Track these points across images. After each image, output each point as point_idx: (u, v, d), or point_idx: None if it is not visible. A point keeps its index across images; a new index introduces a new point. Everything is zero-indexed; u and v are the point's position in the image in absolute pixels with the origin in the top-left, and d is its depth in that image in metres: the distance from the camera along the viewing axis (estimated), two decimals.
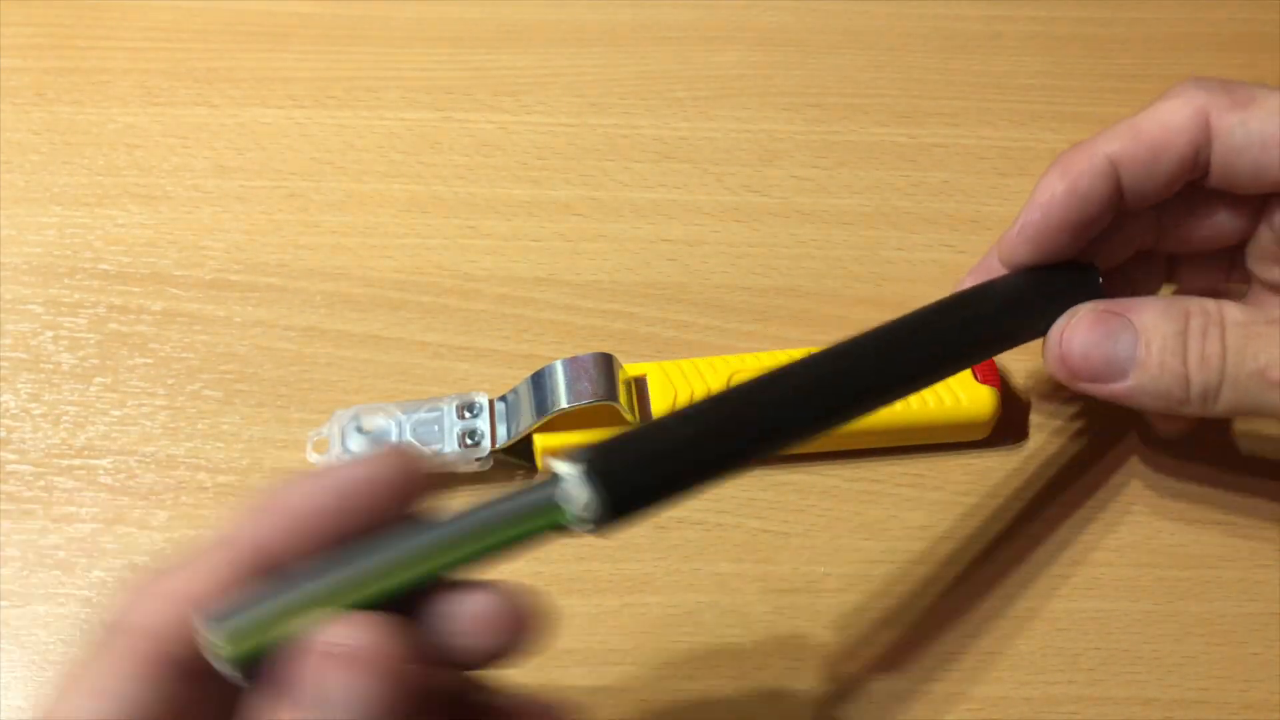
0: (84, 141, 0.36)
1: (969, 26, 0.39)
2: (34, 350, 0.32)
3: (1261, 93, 0.24)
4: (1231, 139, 0.24)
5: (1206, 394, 0.24)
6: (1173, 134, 0.24)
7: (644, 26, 0.39)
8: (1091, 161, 0.24)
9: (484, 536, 0.18)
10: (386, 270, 0.33)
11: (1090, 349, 0.24)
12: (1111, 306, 0.24)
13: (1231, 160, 0.24)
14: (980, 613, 0.28)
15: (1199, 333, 0.23)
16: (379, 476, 0.18)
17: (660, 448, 0.20)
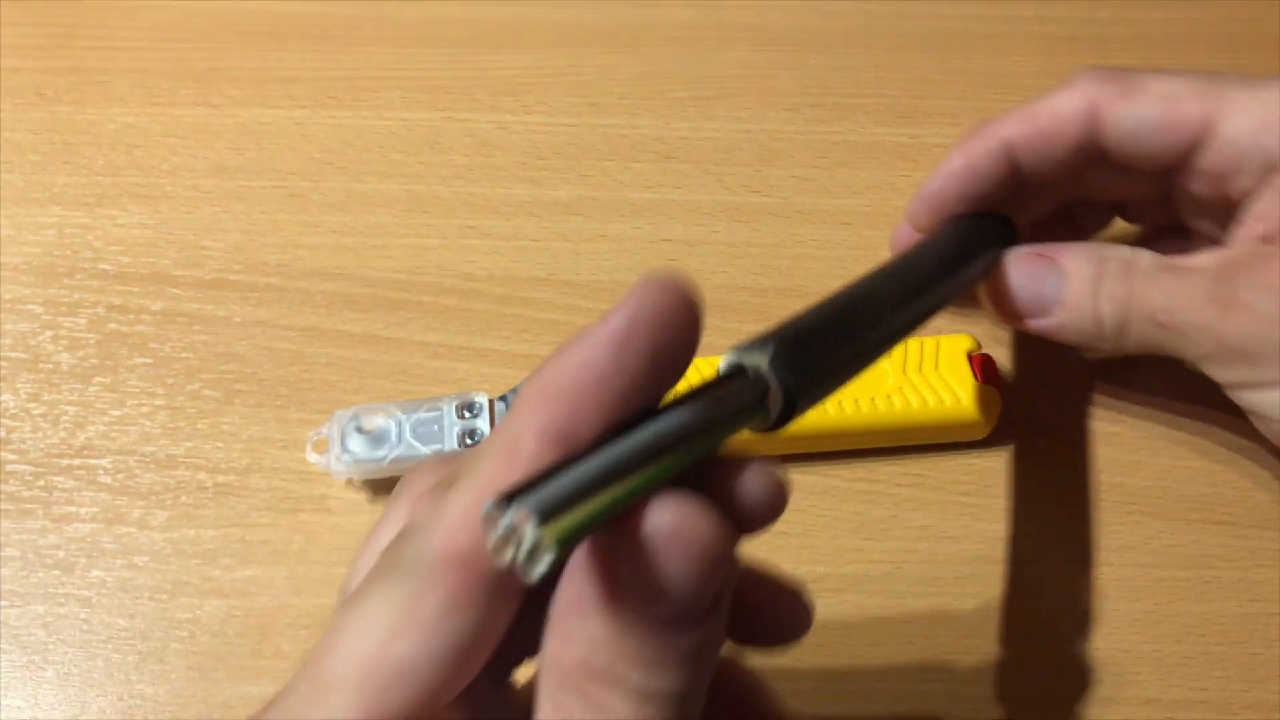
0: (84, 141, 0.36)
1: (970, 26, 0.39)
2: (33, 350, 0.32)
3: (1148, 79, 0.26)
4: (1121, 127, 0.26)
5: (1116, 332, 0.26)
6: (1064, 122, 0.26)
7: (644, 26, 0.39)
8: (988, 143, 0.27)
9: (709, 434, 0.16)
10: (386, 270, 0.33)
11: (1021, 288, 0.27)
12: (1043, 250, 0.27)
13: (1124, 144, 0.26)
14: (980, 613, 0.28)
15: (1111, 276, 0.26)
16: (650, 317, 0.16)
17: (827, 340, 0.20)
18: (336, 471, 0.28)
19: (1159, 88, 0.25)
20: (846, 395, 0.29)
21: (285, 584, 0.28)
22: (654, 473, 0.15)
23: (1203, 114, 0.25)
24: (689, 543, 0.15)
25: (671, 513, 0.15)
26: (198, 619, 0.28)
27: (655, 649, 0.15)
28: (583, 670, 0.15)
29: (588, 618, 0.15)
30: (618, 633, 0.15)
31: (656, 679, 0.15)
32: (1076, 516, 0.29)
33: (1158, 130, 0.25)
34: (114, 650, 0.27)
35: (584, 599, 0.15)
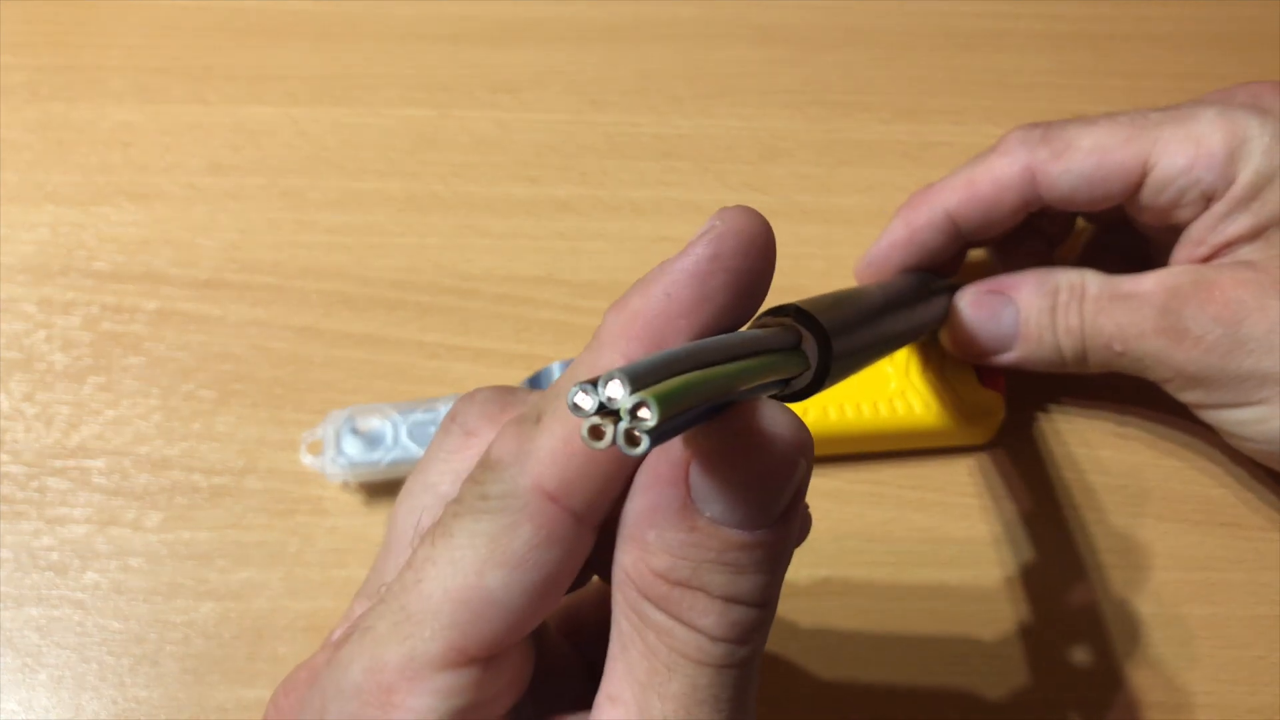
0: (78, 139, 0.35)
1: (972, 23, 0.39)
2: (27, 350, 0.31)
3: (1077, 134, 0.27)
4: (1059, 186, 0.27)
5: (1077, 359, 0.27)
6: (1003, 191, 0.27)
7: (644, 23, 0.38)
8: (930, 215, 0.28)
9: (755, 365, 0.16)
10: (383, 269, 0.33)
11: (979, 327, 0.28)
12: (994, 285, 0.28)
13: (1066, 198, 0.27)
14: (984, 616, 0.28)
15: (1063, 308, 0.27)
16: (734, 246, 0.17)
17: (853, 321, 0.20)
18: (332, 475, 0.28)
19: (1088, 142, 0.26)
20: (850, 399, 0.29)
21: (281, 586, 0.28)
22: (736, 370, 0.15)
23: (1135, 160, 0.26)
24: (780, 440, 0.15)
25: (761, 409, 0.15)
26: (192, 621, 0.27)
27: (739, 553, 0.15)
28: (663, 582, 0.15)
29: (668, 528, 0.15)
30: (700, 539, 0.15)
31: (740, 584, 0.15)
32: (1079, 519, 0.29)
33: (1095, 184, 0.26)
34: (108, 653, 0.27)
35: (662, 508, 0.15)
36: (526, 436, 0.16)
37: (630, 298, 0.17)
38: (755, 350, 0.16)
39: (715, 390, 0.14)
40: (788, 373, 0.17)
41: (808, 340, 0.18)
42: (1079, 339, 0.27)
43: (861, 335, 0.21)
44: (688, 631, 0.15)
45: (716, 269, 0.16)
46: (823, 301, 0.19)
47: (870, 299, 0.23)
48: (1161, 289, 0.26)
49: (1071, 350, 0.27)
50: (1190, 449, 0.30)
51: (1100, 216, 0.31)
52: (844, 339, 0.19)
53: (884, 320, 0.23)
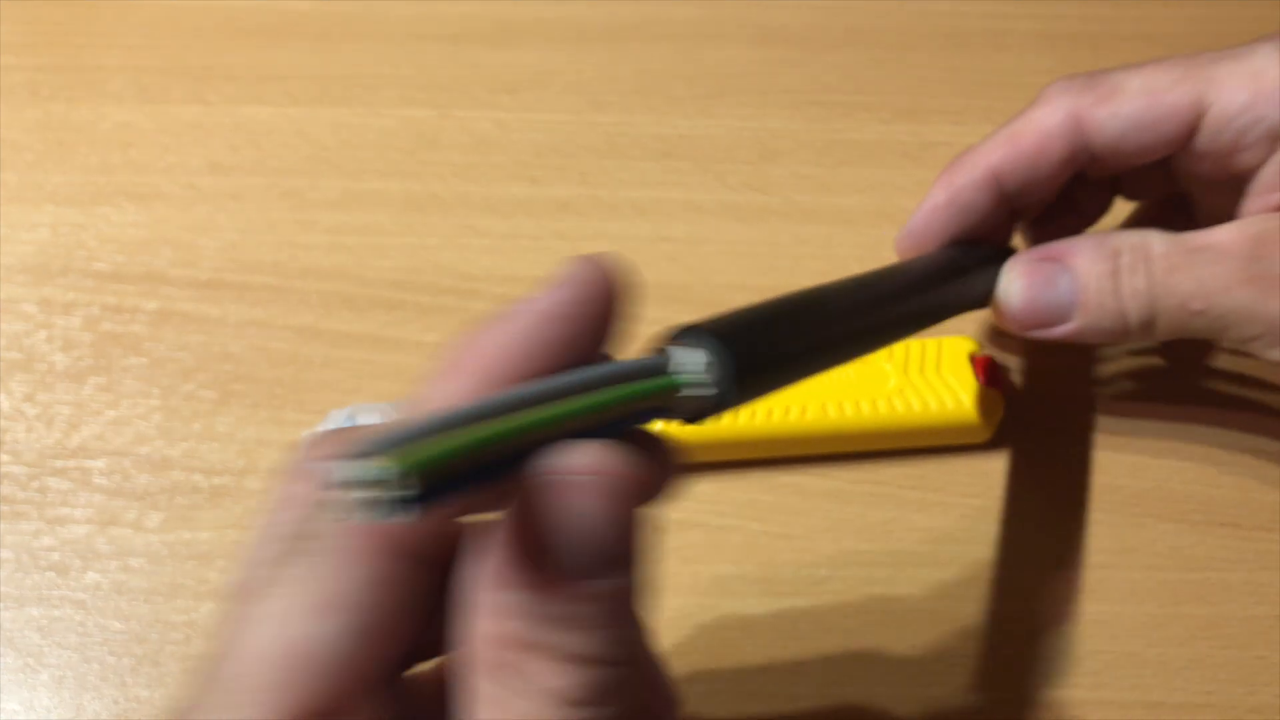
0: (78, 139, 0.35)
1: (972, 24, 0.39)
2: (27, 350, 0.31)
3: (1123, 79, 0.25)
4: (1107, 132, 0.25)
5: (1143, 326, 0.25)
6: (1048, 140, 0.25)
7: (644, 23, 0.38)
8: (972, 175, 0.26)
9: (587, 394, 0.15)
10: (383, 270, 0.33)
11: (1032, 299, 0.25)
12: (1046, 253, 0.26)
13: (1114, 148, 0.25)
14: (983, 616, 0.28)
15: (1128, 270, 0.25)
16: (574, 306, 0.16)
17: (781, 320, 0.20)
18: None
19: (1137, 83, 0.25)
20: (849, 398, 0.29)
21: None
22: (533, 419, 0.14)
23: (1190, 100, 0.24)
24: (597, 482, 0.14)
25: (573, 454, 0.14)
26: (194, 621, 0.27)
27: (579, 608, 0.14)
28: (508, 645, 0.14)
29: (507, 589, 0.14)
30: (540, 598, 0.14)
31: (587, 641, 0.14)
32: (1079, 519, 0.29)
33: (1145, 128, 0.25)
34: (109, 653, 0.27)
35: (501, 571, 0.14)
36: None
37: (464, 341, 0.16)
38: (599, 384, 0.15)
39: (509, 444, 0.14)
40: (655, 400, 0.17)
41: (698, 356, 0.18)
42: (1148, 302, 0.24)
43: (799, 337, 0.20)
44: (541, 697, 0.14)
45: (553, 321, 0.16)
46: (747, 313, 0.19)
47: (829, 295, 0.22)
48: (1244, 237, 0.24)
49: (1138, 316, 0.25)
50: (1190, 449, 0.30)
51: (1144, 184, 0.29)
52: (761, 346, 0.18)
53: (856, 313, 0.22)
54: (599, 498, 0.14)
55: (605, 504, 0.14)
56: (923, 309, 0.25)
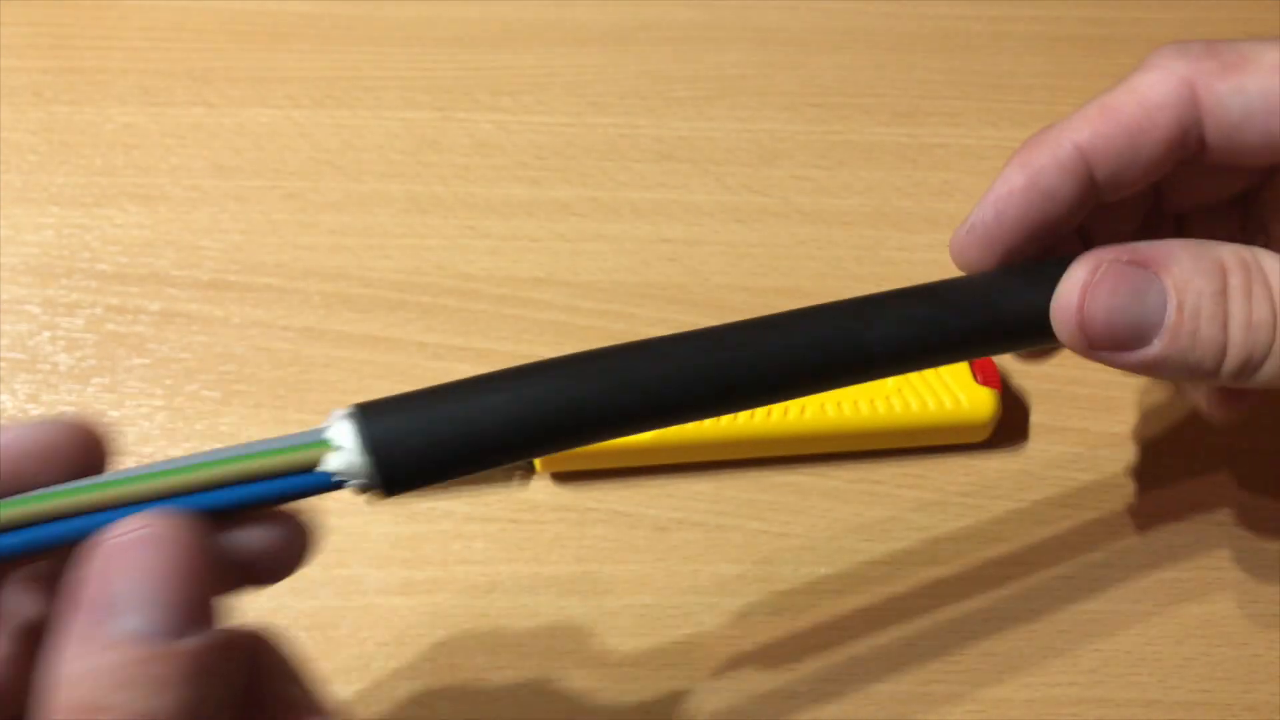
0: (81, 141, 0.36)
1: (971, 26, 0.39)
2: (31, 351, 0.32)
3: (1254, 49, 0.20)
4: (1227, 110, 0.20)
5: (1246, 366, 0.20)
6: (1154, 113, 0.20)
7: (644, 26, 0.39)
8: (1056, 153, 0.21)
9: (235, 464, 0.17)
10: (385, 270, 0.33)
11: (1116, 312, 0.20)
12: (1132, 255, 0.20)
13: (1232, 133, 0.20)
14: (981, 614, 0.28)
15: (1242, 292, 0.19)
16: (52, 441, 0.17)
17: (465, 414, 0.18)
18: None
19: (1272, 58, 0.20)
20: (846, 397, 0.29)
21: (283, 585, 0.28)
22: (121, 487, 0.16)
23: None
24: (152, 549, 0.15)
25: (127, 523, 0.15)
26: None
27: (151, 668, 0.14)
28: (81, 710, 0.14)
29: (78, 656, 0.15)
30: (111, 661, 0.14)
31: (159, 699, 0.14)
32: (1076, 518, 0.29)
33: (1276, 113, 0.20)
34: None
35: (69, 634, 0.15)
36: None
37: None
38: (246, 454, 0.17)
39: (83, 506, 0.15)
40: (297, 471, 0.17)
41: (350, 436, 0.18)
42: (1266, 340, 0.19)
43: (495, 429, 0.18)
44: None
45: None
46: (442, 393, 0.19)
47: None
48: None
49: (1244, 355, 0.20)
50: (1189, 447, 0.30)
51: (1212, 220, 0.24)
52: (424, 436, 0.18)
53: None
54: (145, 554, 0.15)
55: (162, 572, 0.15)
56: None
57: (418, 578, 0.28)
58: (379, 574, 0.28)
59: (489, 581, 0.28)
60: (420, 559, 0.28)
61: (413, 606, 0.27)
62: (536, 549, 0.28)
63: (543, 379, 0.19)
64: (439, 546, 0.28)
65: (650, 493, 0.29)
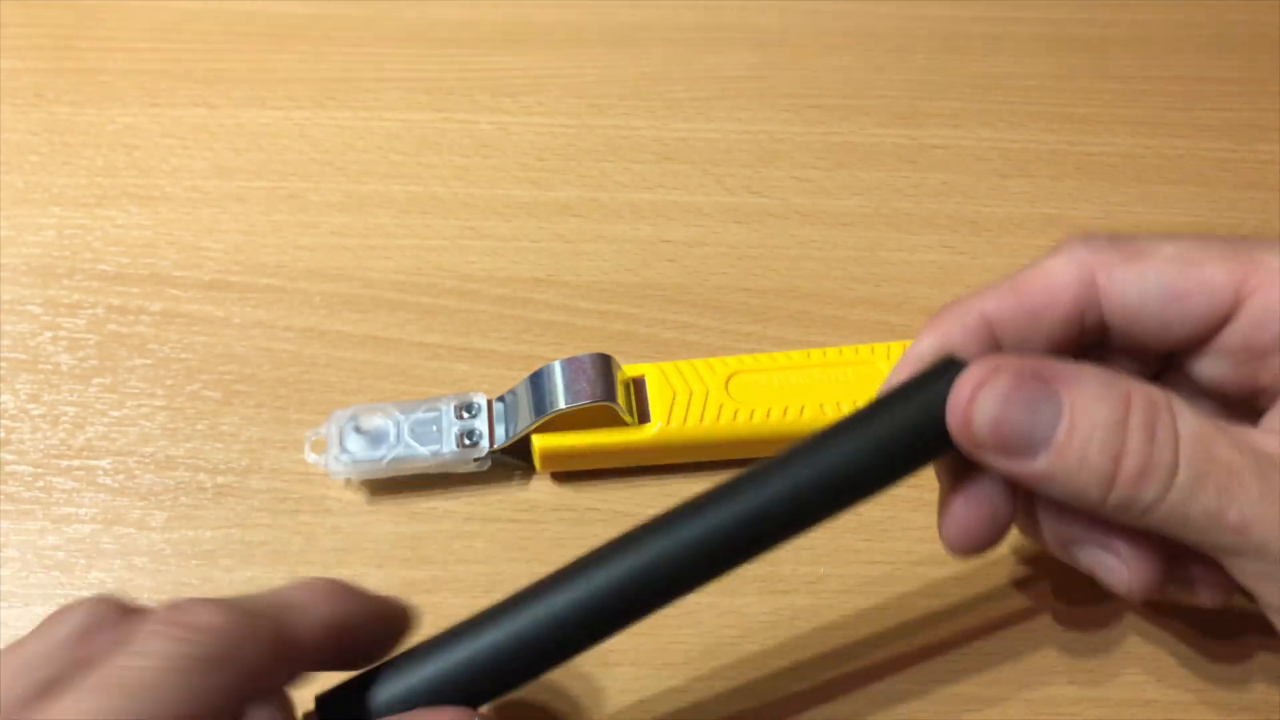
0: (83, 142, 0.36)
1: (969, 28, 0.39)
2: (33, 351, 0.32)
3: (1152, 243, 0.21)
4: (1126, 297, 0.21)
5: (1133, 505, 0.20)
6: (1056, 293, 0.21)
7: (644, 27, 0.39)
8: (964, 321, 0.22)
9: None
10: (386, 271, 0.33)
11: (1005, 418, 0.20)
12: (1040, 369, 0.20)
13: (1131, 319, 0.21)
14: (980, 613, 0.28)
15: (1144, 431, 0.19)
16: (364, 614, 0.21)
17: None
18: (334, 471, 0.28)
19: (1170, 249, 0.21)
20: (846, 398, 0.29)
21: None
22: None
23: (1231, 280, 0.20)
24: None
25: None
26: None
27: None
28: None
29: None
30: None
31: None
32: None
33: (1172, 300, 0.20)
34: None
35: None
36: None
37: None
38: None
39: None
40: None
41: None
42: (1160, 485, 0.19)
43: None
44: None
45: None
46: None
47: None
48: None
49: (1131, 493, 0.19)
50: None
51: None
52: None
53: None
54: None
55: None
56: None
57: (418, 577, 0.28)
58: (379, 573, 0.28)
59: (489, 581, 0.28)
60: (420, 559, 0.28)
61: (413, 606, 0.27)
62: (536, 549, 0.28)
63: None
64: (439, 546, 0.29)
65: (650, 493, 0.29)
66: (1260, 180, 0.36)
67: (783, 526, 0.21)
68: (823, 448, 0.21)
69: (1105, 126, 0.37)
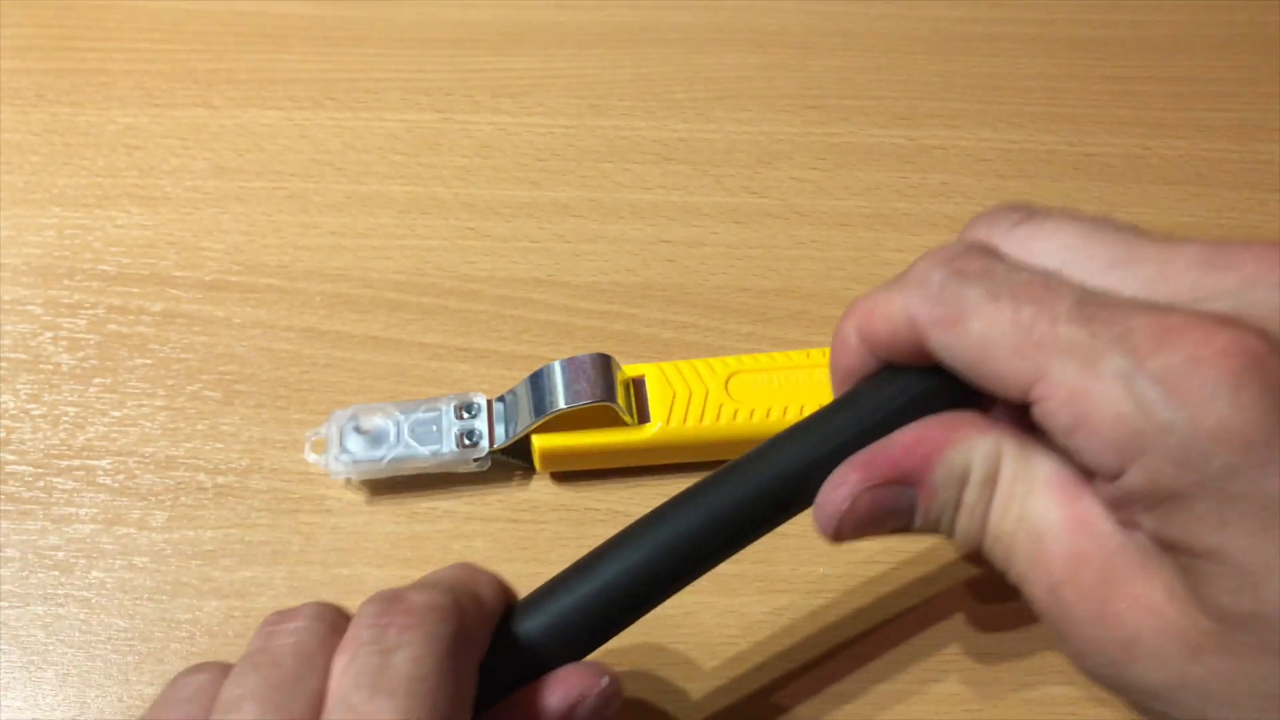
0: (83, 143, 0.36)
1: (968, 28, 0.39)
2: (33, 351, 0.32)
3: (972, 304, 0.20)
4: (944, 357, 0.20)
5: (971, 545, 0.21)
6: (895, 335, 0.21)
7: (643, 28, 0.39)
8: (844, 334, 0.22)
9: None
10: (386, 271, 0.33)
11: (867, 524, 0.21)
12: (896, 471, 0.21)
13: (959, 371, 0.20)
14: (980, 612, 0.28)
15: (984, 501, 0.21)
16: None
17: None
18: (334, 471, 0.29)
19: (979, 326, 0.19)
20: None
21: (284, 585, 0.28)
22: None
23: (1019, 377, 0.19)
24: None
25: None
26: (197, 619, 0.28)
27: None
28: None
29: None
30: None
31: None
32: None
33: (979, 379, 0.20)
34: (113, 651, 0.27)
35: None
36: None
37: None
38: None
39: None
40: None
41: None
42: (1002, 543, 0.21)
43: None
44: None
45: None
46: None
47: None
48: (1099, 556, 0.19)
49: (974, 544, 0.21)
50: None
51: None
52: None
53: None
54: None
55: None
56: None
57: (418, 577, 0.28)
58: (380, 573, 0.28)
59: None
60: (421, 559, 0.28)
61: None
62: (536, 549, 0.29)
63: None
64: (439, 546, 0.29)
65: (650, 493, 0.29)
66: (1260, 180, 0.36)
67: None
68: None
69: (1105, 126, 0.37)
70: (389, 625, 0.19)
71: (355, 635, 0.19)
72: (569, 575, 0.22)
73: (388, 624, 0.19)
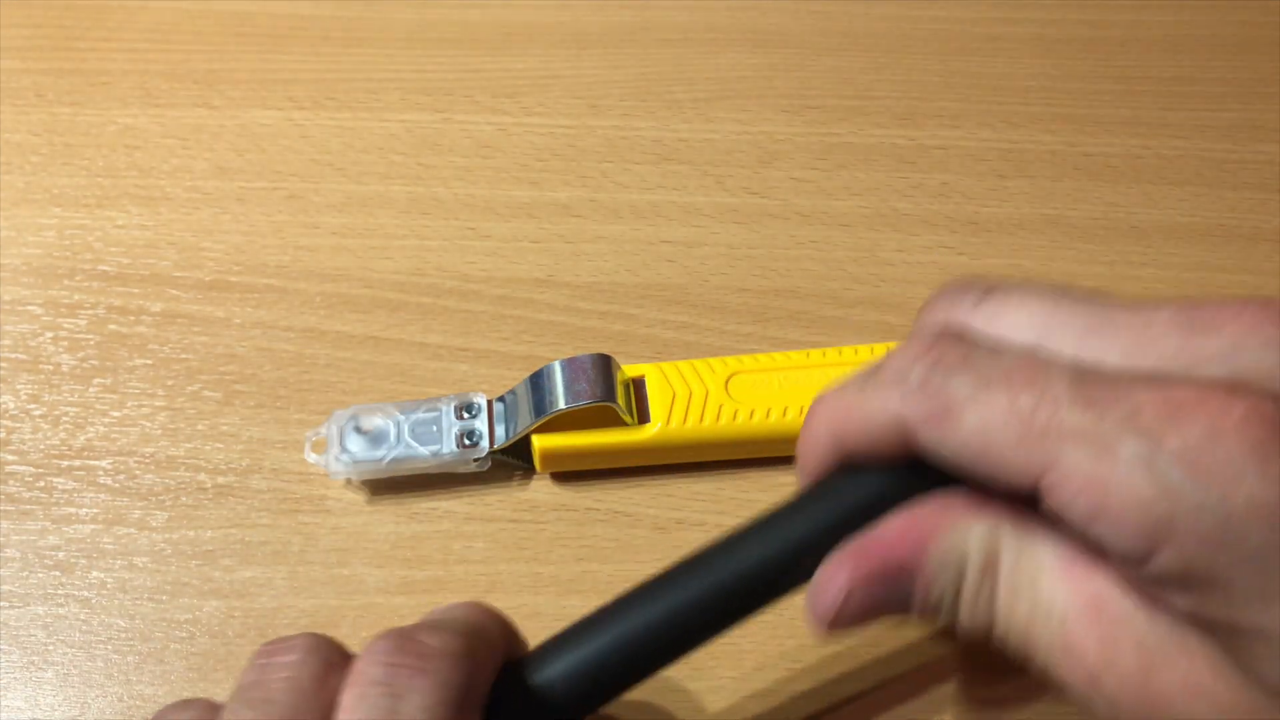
0: (84, 143, 0.36)
1: (968, 29, 0.39)
2: (33, 351, 0.32)
3: (962, 395, 0.19)
4: (938, 457, 0.19)
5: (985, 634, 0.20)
6: (876, 437, 0.20)
7: (643, 28, 0.39)
8: (814, 435, 0.21)
9: None
10: (386, 271, 0.33)
11: (867, 611, 0.20)
12: (888, 558, 0.20)
13: (954, 470, 0.19)
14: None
15: (974, 590, 0.20)
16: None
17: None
18: (335, 471, 0.29)
19: (974, 418, 0.18)
20: None
21: (284, 584, 0.28)
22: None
23: (1026, 468, 0.18)
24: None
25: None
26: (197, 619, 0.28)
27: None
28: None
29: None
30: None
31: None
32: None
33: (978, 470, 0.19)
34: (114, 651, 0.27)
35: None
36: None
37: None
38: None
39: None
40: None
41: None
42: (1019, 636, 0.20)
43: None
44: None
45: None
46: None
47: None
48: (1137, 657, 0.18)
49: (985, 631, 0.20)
50: None
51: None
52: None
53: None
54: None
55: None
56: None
57: (418, 577, 0.28)
58: (379, 573, 0.28)
59: (489, 581, 0.28)
60: (420, 559, 0.28)
61: (413, 606, 0.27)
62: (536, 549, 0.29)
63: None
64: (439, 546, 0.29)
65: (650, 493, 0.29)
66: (1260, 180, 0.36)
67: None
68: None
69: (1105, 126, 0.37)
70: (400, 667, 0.19)
71: (365, 672, 0.19)
72: (582, 628, 0.22)
73: (399, 665, 0.19)
